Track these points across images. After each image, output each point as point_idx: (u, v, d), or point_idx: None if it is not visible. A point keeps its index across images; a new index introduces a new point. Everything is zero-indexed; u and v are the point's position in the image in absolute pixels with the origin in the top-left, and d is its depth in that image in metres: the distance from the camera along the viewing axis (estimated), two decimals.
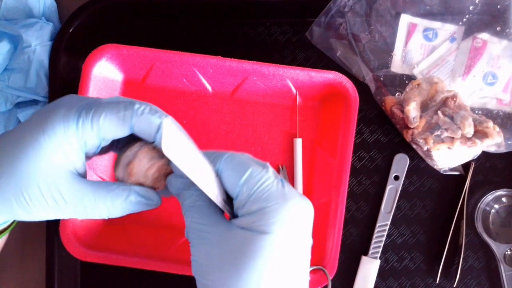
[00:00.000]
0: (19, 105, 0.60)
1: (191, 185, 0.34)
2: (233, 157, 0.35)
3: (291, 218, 0.32)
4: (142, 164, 0.35)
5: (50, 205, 0.34)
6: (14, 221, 0.44)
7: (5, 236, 0.45)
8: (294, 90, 0.57)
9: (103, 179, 0.57)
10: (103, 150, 0.38)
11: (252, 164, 0.34)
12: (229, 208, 0.35)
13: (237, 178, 0.33)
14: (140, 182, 0.36)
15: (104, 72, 0.56)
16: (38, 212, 0.35)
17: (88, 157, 0.37)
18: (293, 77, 0.56)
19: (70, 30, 0.59)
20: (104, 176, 0.57)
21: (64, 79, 0.59)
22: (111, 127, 0.34)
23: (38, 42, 0.59)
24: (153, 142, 0.36)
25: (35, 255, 0.61)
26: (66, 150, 0.34)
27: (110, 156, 0.57)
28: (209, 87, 0.58)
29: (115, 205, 0.35)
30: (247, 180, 0.33)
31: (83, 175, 0.36)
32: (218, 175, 0.35)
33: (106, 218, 0.36)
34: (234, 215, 0.34)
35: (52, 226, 0.57)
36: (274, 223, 0.32)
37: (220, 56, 0.55)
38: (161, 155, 0.35)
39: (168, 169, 0.36)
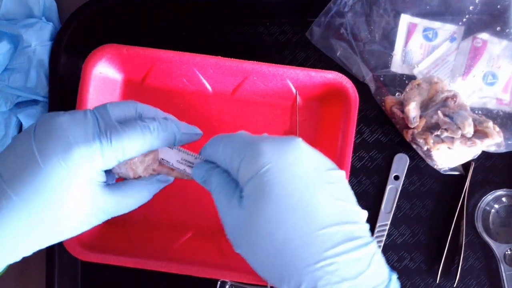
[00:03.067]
0: (19, 105, 0.60)
1: (212, 169, 0.38)
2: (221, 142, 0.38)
3: (274, 149, 0.33)
4: (140, 157, 0.40)
5: (92, 223, 0.37)
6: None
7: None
8: (294, 90, 0.57)
9: None
10: None
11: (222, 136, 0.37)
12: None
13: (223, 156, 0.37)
14: (139, 175, 0.41)
15: (104, 72, 0.56)
16: (81, 231, 0.38)
17: None
18: (293, 77, 0.56)
19: (70, 30, 0.59)
20: None
21: (64, 79, 0.59)
22: (133, 151, 0.37)
23: (38, 42, 0.59)
24: None
25: (35, 255, 0.61)
26: (93, 175, 0.36)
27: None
28: (209, 87, 0.58)
29: (144, 198, 0.40)
30: (224, 146, 0.37)
31: (105, 180, 0.38)
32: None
33: (135, 206, 0.40)
34: None
35: None
36: (260, 159, 0.33)
37: (220, 56, 0.55)
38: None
39: (156, 160, 0.41)
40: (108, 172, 0.39)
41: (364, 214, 0.35)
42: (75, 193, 0.35)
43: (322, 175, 0.34)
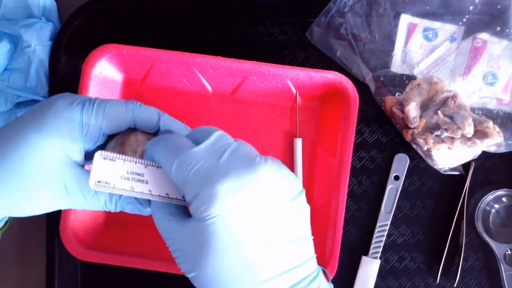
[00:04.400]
0: (19, 105, 0.60)
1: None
2: (158, 144, 0.33)
3: (229, 195, 0.30)
4: (137, 139, 0.36)
5: (54, 194, 0.35)
6: (6, 222, 0.44)
7: None
8: (294, 90, 0.57)
9: None
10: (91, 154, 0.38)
11: (181, 148, 0.32)
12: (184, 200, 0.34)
13: (169, 169, 0.32)
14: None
15: (104, 72, 0.56)
16: (40, 202, 0.35)
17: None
18: (293, 77, 0.56)
19: (70, 30, 0.59)
20: None
21: (64, 79, 0.59)
22: (114, 116, 0.36)
23: (38, 42, 0.59)
24: (155, 133, 0.38)
25: (35, 255, 0.61)
26: (67, 139, 0.35)
27: None
28: (209, 87, 0.58)
29: (112, 198, 0.36)
30: (177, 170, 0.32)
31: (82, 164, 0.37)
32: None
33: (103, 210, 0.37)
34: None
35: (52, 226, 0.57)
36: (212, 207, 0.30)
37: (220, 56, 0.55)
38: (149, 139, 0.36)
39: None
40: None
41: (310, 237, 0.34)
42: (43, 150, 0.34)
43: (279, 216, 0.32)
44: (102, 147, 0.38)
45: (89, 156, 0.37)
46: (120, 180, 0.33)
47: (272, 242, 0.32)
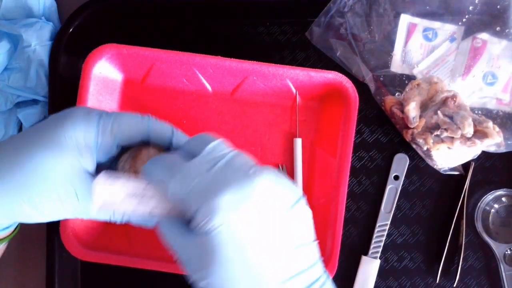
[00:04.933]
0: (19, 105, 0.60)
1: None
2: (153, 165, 0.34)
3: (230, 206, 0.31)
4: (149, 154, 0.37)
5: (64, 202, 0.35)
6: (16, 228, 0.44)
7: (4, 243, 0.45)
8: (294, 90, 0.57)
9: None
10: (104, 166, 0.39)
11: (175, 167, 0.33)
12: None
13: (166, 190, 0.33)
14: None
15: (104, 72, 0.56)
16: (50, 211, 0.35)
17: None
18: (293, 77, 0.56)
19: (70, 30, 0.59)
20: None
21: (64, 79, 0.59)
22: (130, 129, 0.36)
23: (38, 42, 0.59)
24: (168, 148, 0.38)
25: (35, 255, 0.61)
26: (82, 149, 0.35)
27: None
28: (209, 87, 0.58)
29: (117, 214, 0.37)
30: (174, 189, 0.32)
31: (93, 173, 0.37)
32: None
33: (109, 221, 0.37)
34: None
35: (52, 226, 0.57)
36: (214, 219, 0.31)
37: (220, 56, 0.55)
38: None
39: None
40: None
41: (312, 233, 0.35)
42: (60, 161, 0.34)
43: (282, 222, 0.32)
44: (115, 158, 0.38)
45: (100, 167, 0.38)
46: (122, 201, 0.34)
47: (277, 248, 0.32)
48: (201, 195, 0.31)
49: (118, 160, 0.38)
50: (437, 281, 0.60)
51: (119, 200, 0.34)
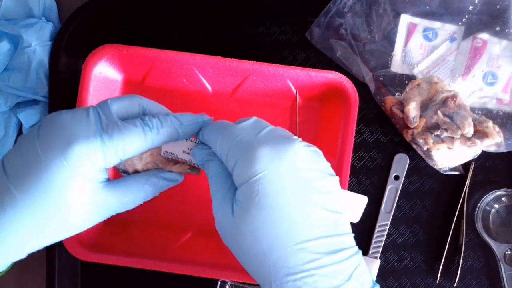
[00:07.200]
0: (19, 105, 0.60)
1: (213, 155, 0.38)
2: (207, 128, 0.39)
3: (270, 158, 0.33)
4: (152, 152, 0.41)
5: (94, 220, 0.37)
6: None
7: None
8: (294, 90, 0.57)
9: None
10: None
11: (225, 127, 0.37)
12: None
13: (215, 145, 0.37)
14: (136, 169, 0.40)
15: (104, 72, 0.56)
16: (84, 228, 0.38)
17: None
18: (293, 77, 0.56)
19: (70, 30, 0.59)
20: None
21: (64, 79, 0.59)
22: (135, 150, 0.37)
23: (38, 42, 0.59)
24: None
25: (35, 255, 0.61)
26: (93, 173, 0.36)
27: None
28: (209, 87, 0.58)
29: (148, 193, 0.39)
30: (221, 143, 0.36)
31: (108, 178, 0.38)
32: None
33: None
34: None
35: None
36: (254, 167, 0.33)
37: (220, 56, 0.55)
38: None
39: (158, 156, 0.41)
40: None
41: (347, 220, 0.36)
42: (76, 191, 0.35)
43: (315, 185, 0.34)
44: None
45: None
46: (182, 153, 0.40)
47: (311, 205, 0.33)
48: (243, 148, 0.34)
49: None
50: (437, 281, 0.60)
51: (180, 151, 0.40)
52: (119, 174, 0.42)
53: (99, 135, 0.35)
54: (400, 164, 0.60)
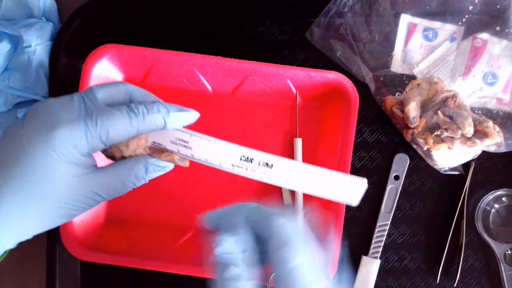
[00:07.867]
0: (19, 105, 0.60)
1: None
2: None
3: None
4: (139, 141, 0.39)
5: (85, 206, 0.37)
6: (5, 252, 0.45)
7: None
8: (294, 90, 0.57)
9: None
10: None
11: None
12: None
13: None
14: (123, 155, 0.39)
15: (104, 72, 0.56)
16: (72, 216, 0.37)
17: None
18: (293, 77, 0.56)
19: (70, 30, 0.59)
20: None
21: (64, 79, 0.59)
22: (119, 136, 0.36)
23: (38, 42, 0.59)
24: None
25: (35, 255, 0.61)
26: (78, 158, 0.35)
27: None
28: (209, 87, 0.58)
29: (139, 179, 0.39)
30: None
31: (95, 164, 0.38)
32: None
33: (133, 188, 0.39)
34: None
35: None
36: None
37: (220, 56, 0.55)
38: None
39: (145, 144, 0.40)
40: None
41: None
42: (61, 175, 0.34)
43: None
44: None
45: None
46: (170, 143, 0.39)
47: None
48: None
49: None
50: (437, 281, 0.60)
51: (168, 141, 0.39)
52: None
53: (83, 120, 0.35)
54: (400, 164, 0.60)
